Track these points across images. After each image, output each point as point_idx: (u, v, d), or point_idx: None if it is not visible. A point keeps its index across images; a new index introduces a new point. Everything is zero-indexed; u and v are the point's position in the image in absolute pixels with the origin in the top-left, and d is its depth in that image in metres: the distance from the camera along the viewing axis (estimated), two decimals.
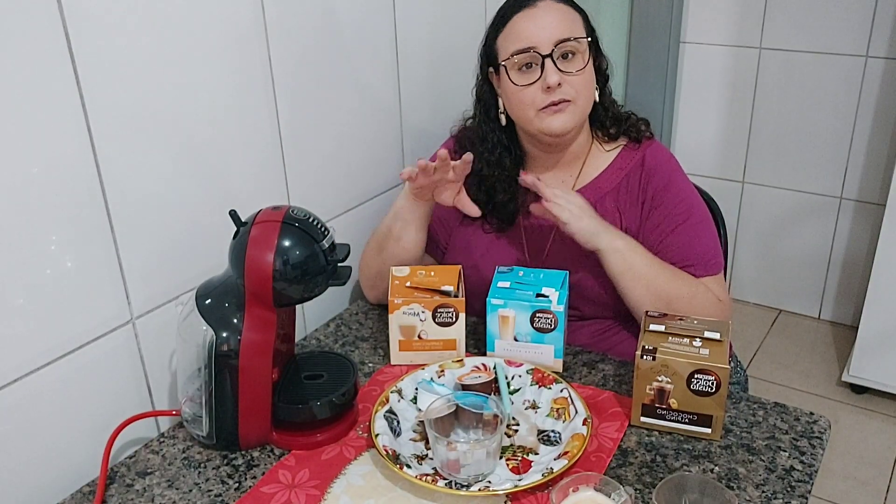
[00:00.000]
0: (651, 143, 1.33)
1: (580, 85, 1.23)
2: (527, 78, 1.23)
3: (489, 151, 1.33)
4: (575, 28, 1.23)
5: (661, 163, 1.30)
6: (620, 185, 1.31)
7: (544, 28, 1.21)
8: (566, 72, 1.21)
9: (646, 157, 1.30)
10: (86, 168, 0.99)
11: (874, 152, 2.51)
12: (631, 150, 1.32)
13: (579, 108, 1.24)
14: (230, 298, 1.01)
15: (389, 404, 1.07)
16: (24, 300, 0.95)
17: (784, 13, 2.50)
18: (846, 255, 2.68)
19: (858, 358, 2.36)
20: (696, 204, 1.29)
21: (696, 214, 1.29)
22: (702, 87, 2.72)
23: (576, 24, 1.24)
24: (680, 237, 1.26)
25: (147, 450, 1.07)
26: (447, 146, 1.41)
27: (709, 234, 1.29)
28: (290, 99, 1.27)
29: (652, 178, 1.29)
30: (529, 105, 1.24)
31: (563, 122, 1.24)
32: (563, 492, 0.85)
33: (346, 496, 0.97)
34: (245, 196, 1.20)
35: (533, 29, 1.21)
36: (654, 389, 1.03)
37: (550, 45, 1.20)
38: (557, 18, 1.22)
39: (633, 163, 1.31)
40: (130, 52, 1.01)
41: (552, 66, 1.20)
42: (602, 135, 1.34)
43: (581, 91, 1.23)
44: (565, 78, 1.21)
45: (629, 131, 1.33)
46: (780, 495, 0.95)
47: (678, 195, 1.28)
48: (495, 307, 1.16)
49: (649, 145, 1.32)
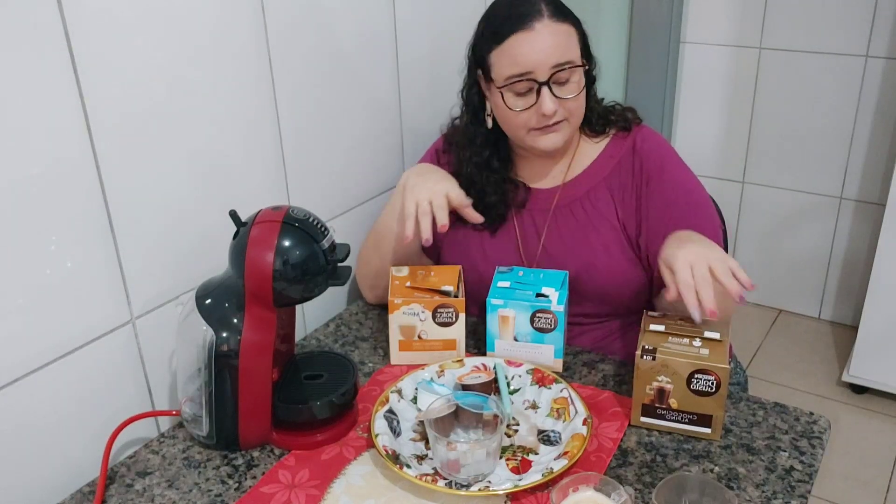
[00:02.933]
0: (641, 129, 1.32)
1: (574, 107, 1.23)
2: (522, 102, 1.21)
3: (477, 154, 1.33)
4: (570, 48, 1.21)
5: (654, 147, 1.29)
6: (612, 172, 1.30)
7: (541, 52, 1.18)
8: (561, 97, 1.21)
9: (636, 142, 1.30)
10: (86, 168, 0.99)
11: (874, 152, 2.51)
12: (621, 138, 1.32)
13: (572, 125, 1.25)
14: (230, 298, 1.01)
15: (389, 404, 1.07)
16: (24, 300, 0.95)
17: (784, 13, 2.50)
18: (846, 255, 2.68)
19: (858, 358, 2.36)
20: (694, 186, 1.29)
21: (695, 196, 1.28)
22: (702, 87, 2.72)
23: (571, 44, 1.21)
24: (682, 219, 1.24)
25: (147, 450, 1.07)
26: (437, 146, 1.42)
27: (710, 216, 1.28)
28: (290, 99, 1.27)
29: (645, 161, 1.28)
30: (522, 126, 1.24)
31: (555, 141, 1.25)
32: (563, 492, 0.85)
33: (346, 496, 0.97)
34: (245, 196, 1.20)
35: (530, 54, 1.19)
36: (654, 389, 1.03)
37: (547, 72, 1.19)
38: (555, 42, 1.19)
39: (623, 149, 1.30)
40: (131, 53, 1.01)
41: (548, 94, 1.19)
42: (589, 131, 1.34)
43: (575, 111, 1.24)
44: (561, 103, 1.21)
45: (616, 121, 1.33)
46: (780, 495, 0.95)
47: (675, 177, 1.27)
48: (495, 307, 1.16)
49: (639, 131, 1.32)
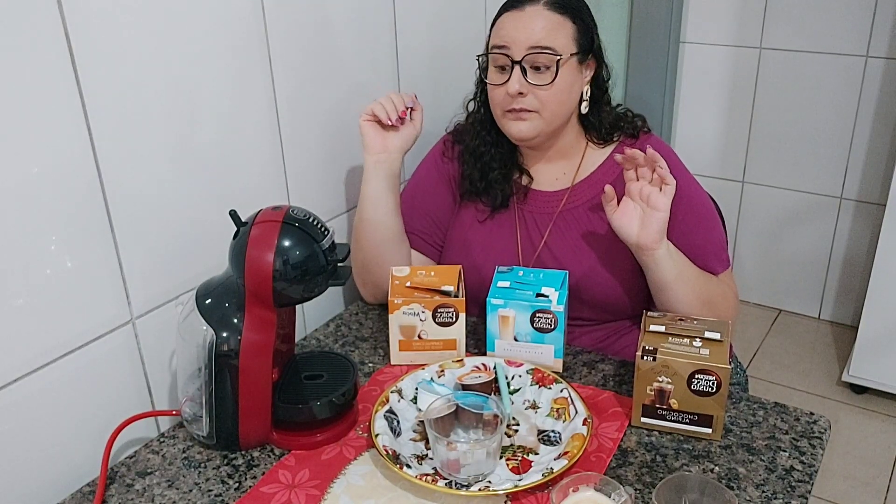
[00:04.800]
0: (649, 138, 1.32)
1: (546, 98, 1.22)
2: (499, 78, 1.24)
3: (487, 131, 1.34)
4: (556, 39, 1.21)
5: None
6: (617, 179, 1.30)
7: (522, 30, 1.21)
8: (533, 83, 1.21)
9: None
10: (86, 168, 0.99)
11: (874, 152, 2.51)
12: (627, 146, 1.31)
13: (543, 120, 1.24)
14: (230, 298, 1.01)
15: (389, 404, 1.07)
16: (24, 300, 0.95)
17: (784, 13, 2.50)
18: (846, 255, 2.68)
19: (858, 358, 2.36)
20: (700, 200, 1.29)
21: (703, 209, 1.28)
22: (702, 87, 2.72)
23: (559, 36, 1.21)
24: (690, 232, 1.25)
25: (147, 450, 1.07)
26: (445, 139, 1.42)
27: (717, 228, 1.29)
28: (290, 99, 1.27)
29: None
30: (498, 104, 1.26)
31: (521, 130, 1.25)
32: (563, 492, 0.85)
33: (346, 496, 0.97)
34: (245, 196, 1.20)
35: (512, 31, 1.22)
36: (654, 390, 1.03)
37: (522, 51, 1.20)
38: (539, 26, 1.21)
39: None
40: (131, 53, 1.01)
41: (518, 73, 1.21)
42: (597, 139, 1.33)
43: (547, 104, 1.23)
44: (531, 88, 1.21)
45: (624, 128, 1.33)
46: (780, 495, 0.95)
47: (682, 191, 1.27)
48: (495, 307, 1.16)
49: (647, 139, 1.32)
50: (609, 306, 1.30)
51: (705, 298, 1.21)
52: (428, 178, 1.41)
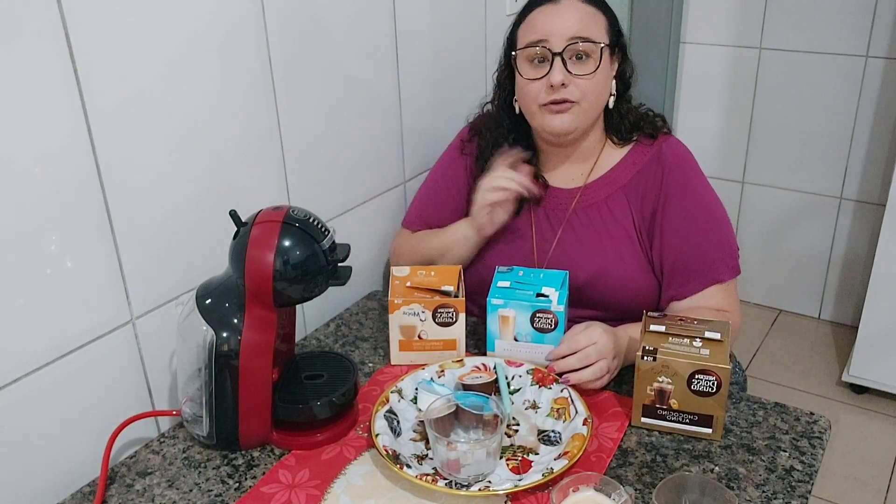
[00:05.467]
0: (667, 139, 1.31)
1: (587, 88, 1.22)
2: (536, 72, 1.23)
3: (503, 136, 1.34)
4: (594, 29, 1.22)
5: (679, 160, 1.28)
6: (633, 180, 1.29)
7: (560, 24, 1.21)
8: (575, 73, 1.21)
9: (662, 152, 1.28)
10: (86, 168, 0.99)
11: (874, 152, 2.51)
12: (645, 146, 1.30)
13: (583, 110, 1.24)
14: (230, 298, 1.01)
15: (389, 404, 1.07)
16: (24, 300, 0.95)
17: (784, 13, 2.50)
18: (846, 255, 2.68)
19: (858, 358, 2.36)
20: (714, 205, 1.28)
21: (715, 214, 1.27)
22: (702, 87, 2.72)
23: (596, 26, 1.23)
24: (697, 237, 1.24)
25: (147, 450, 1.07)
26: (461, 136, 1.43)
27: (729, 236, 1.28)
28: (290, 99, 1.27)
29: (668, 174, 1.26)
30: (533, 99, 1.24)
31: (563, 122, 1.24)
32: (563, 492, 0.85)
33: (346, 496, 0.97)
34: (245, 196, 1.20)
35: (549, 24, 1.22)
36: (654, 390, 1.03)
37: (563, 42, 1.20)
38: (576, 17, 1.21)
39: (647, 158, 1.29)
40: (130, 52, 1.01)
41: (560, 64, 1.20)
42: (617, 138, 1.33)
43: (587, 94, 1.22)
44: (572, 79, 1.21)
45: (644, 128, 1.32)
46: (780, 495, 0.95)
47: (697, 194, 1.26)
48: (495, 307, 1.16)
49: (665, 140, 1.30)
50: (618, 305, 1.29)
51: None
52: (450, 170, 1.43)
